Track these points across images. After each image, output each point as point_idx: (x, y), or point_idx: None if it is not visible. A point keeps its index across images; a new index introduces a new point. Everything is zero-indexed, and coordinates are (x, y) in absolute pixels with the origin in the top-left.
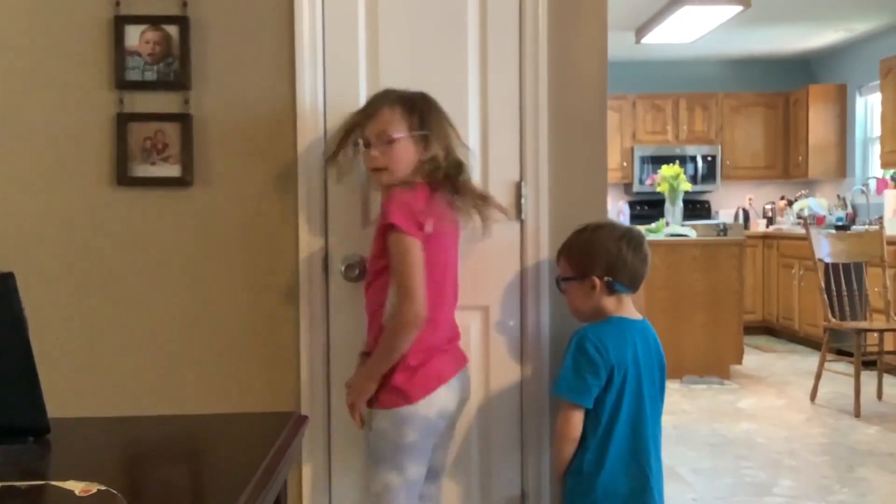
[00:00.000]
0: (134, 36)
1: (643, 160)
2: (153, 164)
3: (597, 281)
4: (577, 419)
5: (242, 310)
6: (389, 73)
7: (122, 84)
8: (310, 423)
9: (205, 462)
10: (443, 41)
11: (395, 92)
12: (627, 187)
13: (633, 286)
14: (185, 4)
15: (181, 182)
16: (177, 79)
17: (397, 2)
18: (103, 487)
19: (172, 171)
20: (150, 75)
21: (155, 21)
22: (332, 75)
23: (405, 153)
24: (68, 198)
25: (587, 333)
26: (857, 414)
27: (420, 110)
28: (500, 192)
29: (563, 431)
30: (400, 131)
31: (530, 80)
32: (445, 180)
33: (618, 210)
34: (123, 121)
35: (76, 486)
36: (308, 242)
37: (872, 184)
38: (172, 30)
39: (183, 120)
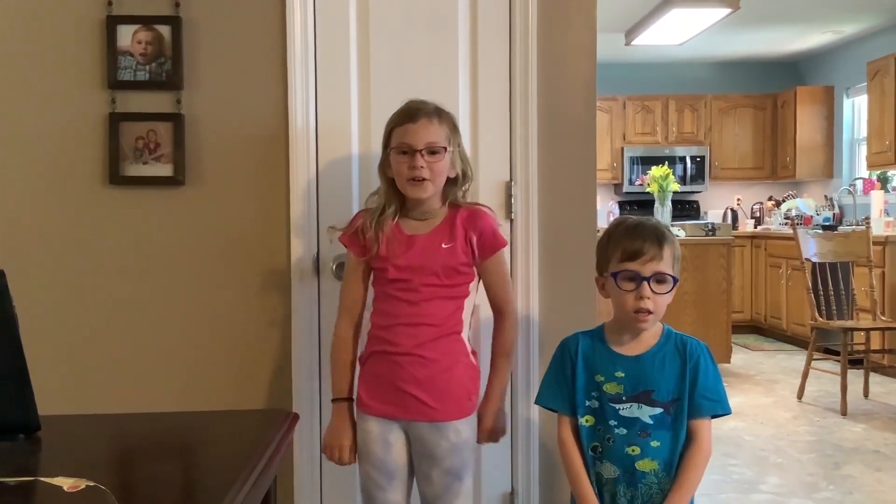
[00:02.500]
0: (126, 36)
1: (633, 161)
2: (145, 163)
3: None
4: None
5: (234, 308)
6: (380, 74)
7: (114, 84)
8: (301, 421)
9: (194, 459)
10: (433, 42)
11: (433, 104)
12: (617, 187)
13: None
14: (177, 5)
15: (173, 181)
16: (169, 79)
17: (388, 3)
18: (92, 483)
19: (164, 170)
20: (143, 75)
21: (147, 21)
22: (323, 76)
23: (445, 167)
24: (60, 197)
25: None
26: (844, 412)
27: (456, 127)
28: (490, 192)
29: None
30: (446, 145)
31: (520, 81)
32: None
33: (608, 210)
34: (115, 120)
35: (65, 483)
36: (299, 241)
37: (859, 184)
38: (165, 30)
39: (175, 120)
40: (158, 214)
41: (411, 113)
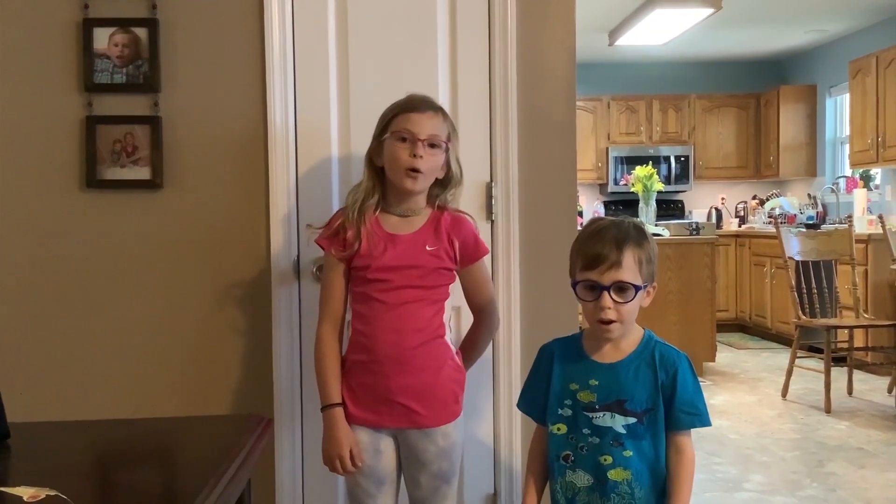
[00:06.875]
0: (102, 38)
1: (617, 161)
2: (123, 166)
3: (653, 289)
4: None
5: (214, 313)
6: (359, 74)
7: (91, 87)
8: (283, 425)
9: (165, 464)
10: (412, 42)
11: (434, 100)
12: (602, 187)
13: None
14: (154, 7)
15: (151, 185)
16: (146, 81)
17: (367, 4)
18: (53, 493)
19: (142, 173)
20: (119, 78)
21: (123, 24)
22: (302, 76)
23: (439, 164)
24: (37, 201)
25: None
26: (828, 409)
27: (454, 129)
28: (471, 194)
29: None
30: (445, 140)
31: (500, 82)
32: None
33: (593, 210)
34: (92, 123)
35: (25, 492)
36: (279, 244)
37: (842, 183)
38: (141, 32)
39: (152, 122)
40: (136, 218)
41: (416, 102)
